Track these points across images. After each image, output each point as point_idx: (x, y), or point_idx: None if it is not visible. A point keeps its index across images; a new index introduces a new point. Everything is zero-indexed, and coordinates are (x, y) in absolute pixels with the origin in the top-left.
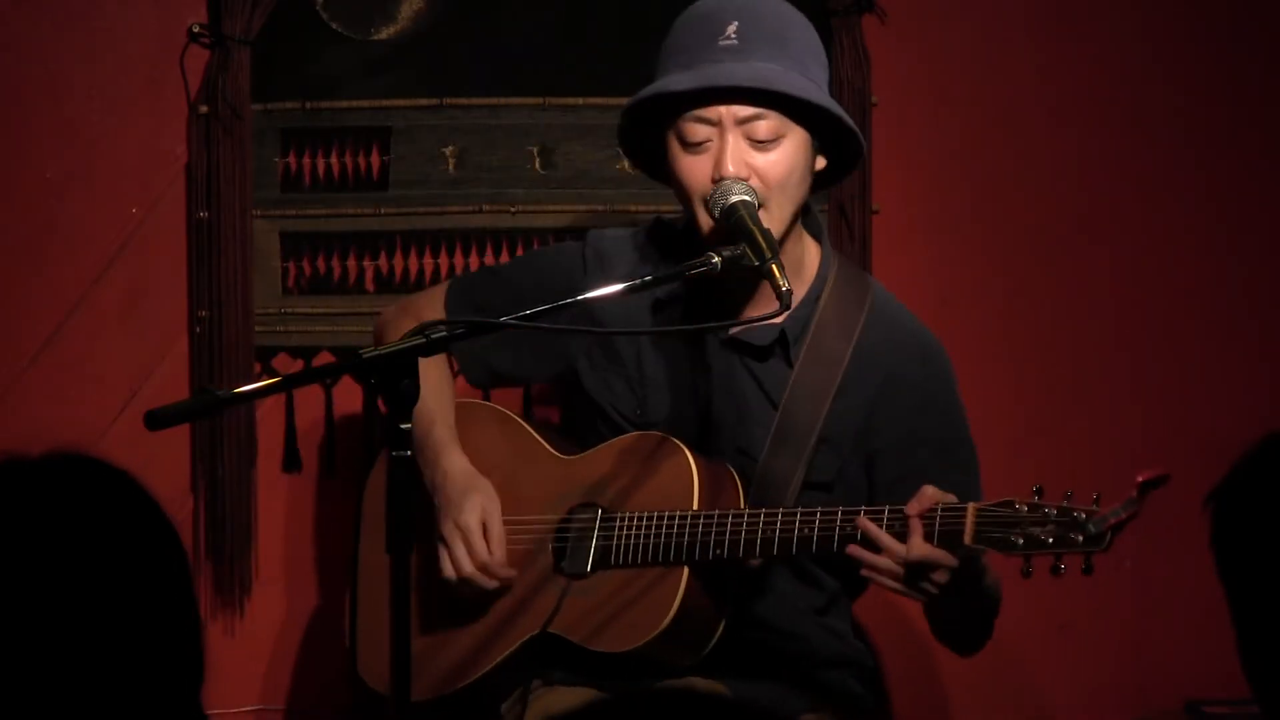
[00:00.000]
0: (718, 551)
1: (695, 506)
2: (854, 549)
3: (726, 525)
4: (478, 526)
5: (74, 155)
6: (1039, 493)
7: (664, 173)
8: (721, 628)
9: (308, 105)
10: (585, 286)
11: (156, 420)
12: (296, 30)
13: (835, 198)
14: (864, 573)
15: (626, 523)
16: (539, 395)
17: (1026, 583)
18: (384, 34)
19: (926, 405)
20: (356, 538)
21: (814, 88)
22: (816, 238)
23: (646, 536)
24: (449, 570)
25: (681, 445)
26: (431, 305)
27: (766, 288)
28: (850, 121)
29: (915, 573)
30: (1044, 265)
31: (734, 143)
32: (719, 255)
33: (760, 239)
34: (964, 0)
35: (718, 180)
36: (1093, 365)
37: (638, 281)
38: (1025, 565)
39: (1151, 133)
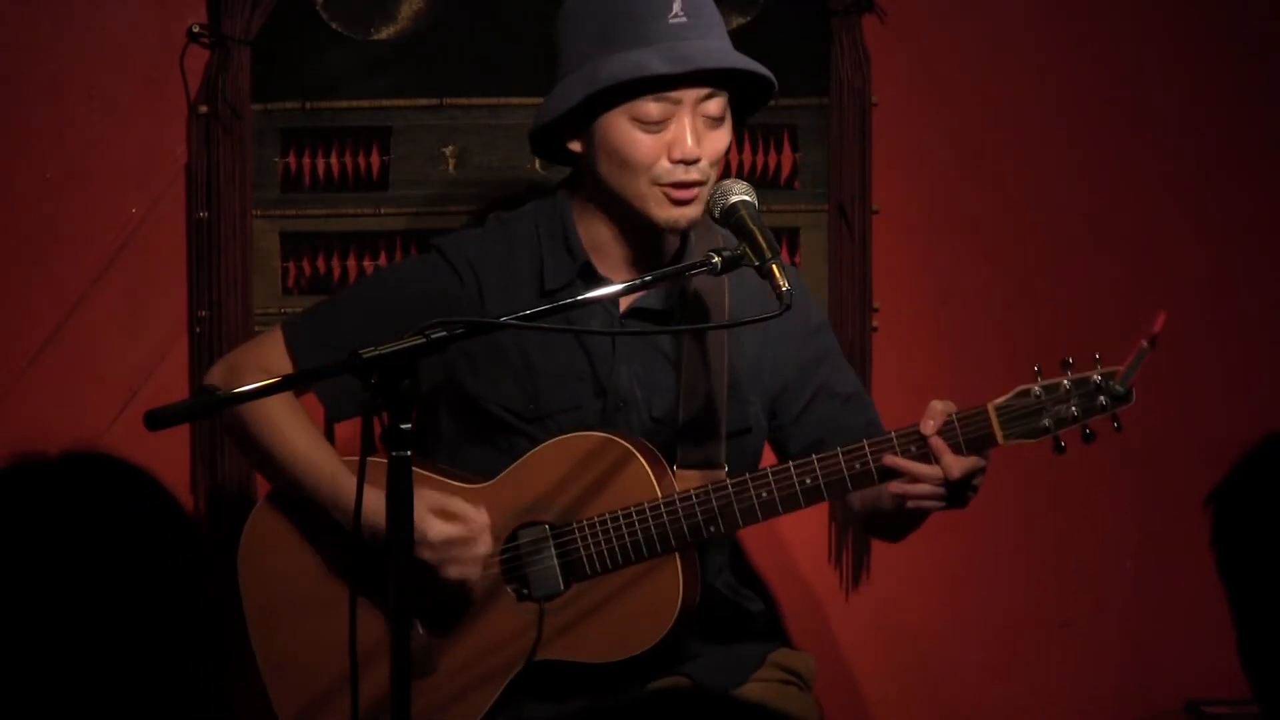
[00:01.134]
0: (713, 529)
1: (657, 491)
2: (897, 485)
3: (711, 499)
4: (447, 526)
5: (74, 155)
6: (1041, 373)
7: (563, 153)
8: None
9: (308, 105)
10: (465, 295)
11: (156, 420)
12: (297, 30)
13: (835, 198)
14: (909, 504)
15: (588, 530)
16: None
17: (1026, 582)
18: (384, 34)
19: (815, 326)
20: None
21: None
22: None
23: (620, 536)
24: (471, 574)
25: (609, 436)
26: (269, 354)
27: (661, 248)
28: (774, 84)
29: (958, 487)
30: (1044, 265)
31: (692, 122)
32: (719, 255)
33: (761, 239)
34: (964, 0)
35: (679, 160)
36: (1093, 365)
37: (636, 281)
38: (1056, 444)
39: (1152, 132)
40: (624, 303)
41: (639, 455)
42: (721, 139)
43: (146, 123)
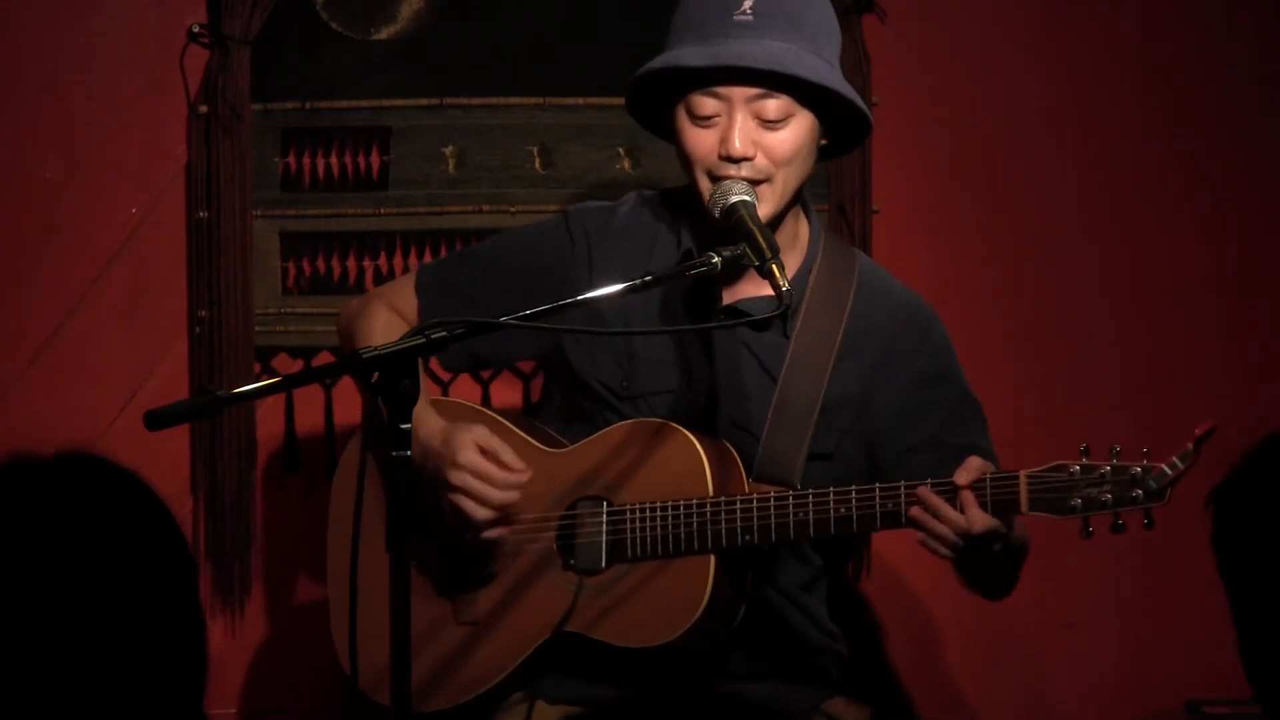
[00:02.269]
0: (747, 538)
1: (710, 492)
2: (917, 513)
3: (753, 509)
4: (477, 456)
5: (74, 155)
6: (1086, 452)
7: (671, 135)
8: (743, 612)
9: (307, 105)
10: (575, 263)
11: (156, 420)
12: (296, 30)
13: (835, 198)
14: (921, 541)
15: (639, 514)
16: (498, 388)
17: (1029, 583)
18: (384, 34)
19: (932, 376)
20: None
21: (826, 68)
22: (806, 212)
23: (664, 527)
24: (477, 513)
25: (681, 429)
26: (401, 293)
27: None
28: (861, 104)
29: (974, 543)
30: (1043, 265)
31: (742, 120)
32: (719, 255)
33: (760, 239)
34: (964, 1)
35: (725, 157)
36: (1092, 365)
37: (637, 281)
38: (1084, 527)
39: (1151, 133)
40: (727, 299)
41: (703, 453)
42: (784, 141)
43: (146, 123)
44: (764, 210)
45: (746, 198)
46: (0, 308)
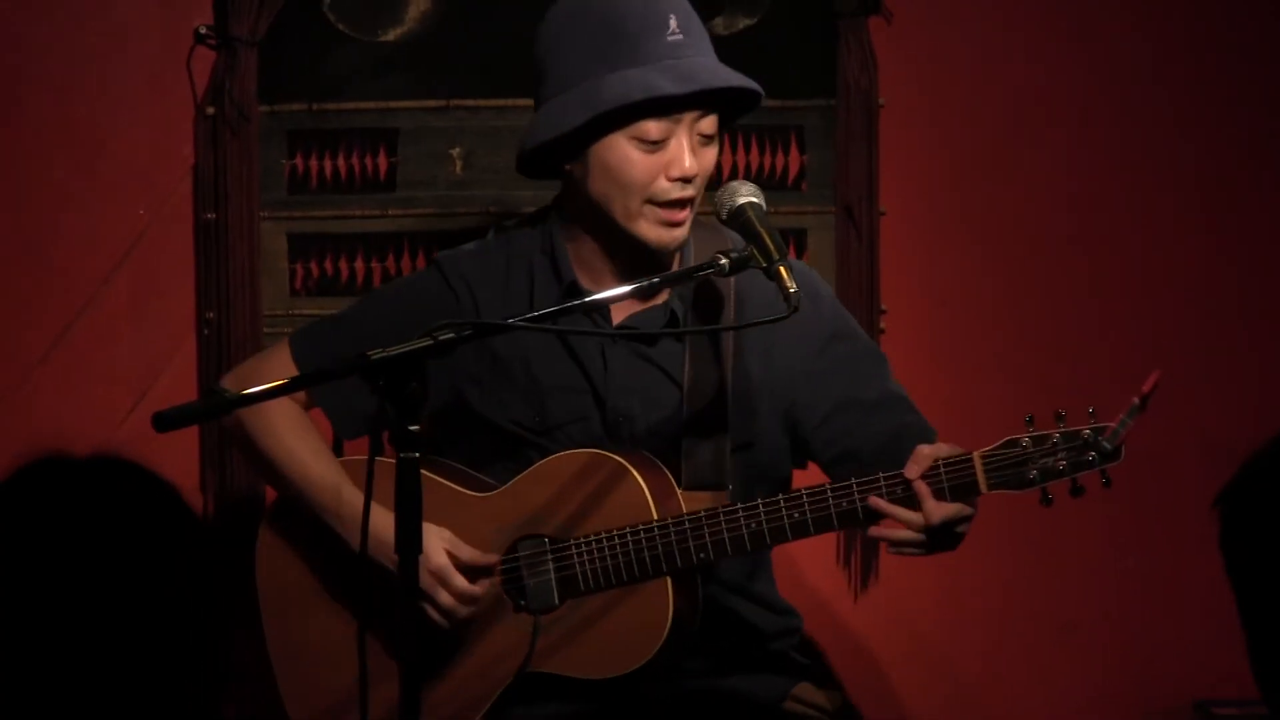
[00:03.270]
0: (701, 555)
1: (653, 513)
2: (877, 530)
3: (702, 526)
4: (448, 562)
5: (81, 157)
6: (1031, 422)
7: (549, 171)
8: (699, 620)
9: (314, 107)
10: (462, 313)
11: (165, 422)
12: (303, 32)
13: (842, 199)
14: (889, 550)
15: (584, 547)
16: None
17: (1033, 583)
18: (391, 35)
19: (829, 336)
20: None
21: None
22: None
23: (614, 556)
24: (441, 620)
25: (610, 454)
26: (279, 369)
27: (654, 264)
28: (760, 97)
29: (939, 534)
30: (1050, 265)
31: (689, 140)
32: (727, 257)
33: (768, 241)
34: (970, 2)
35: (679, 178)
36: (1098, 366)
37: (643, 283)
38: (1044, 495)
39: (1159, 135)
40: (616, 317)
41: (637, 475)
42: (712, 156)
43: (153, 124)
44: (685, 232)
45: (754, 199)
46: (9, 308)
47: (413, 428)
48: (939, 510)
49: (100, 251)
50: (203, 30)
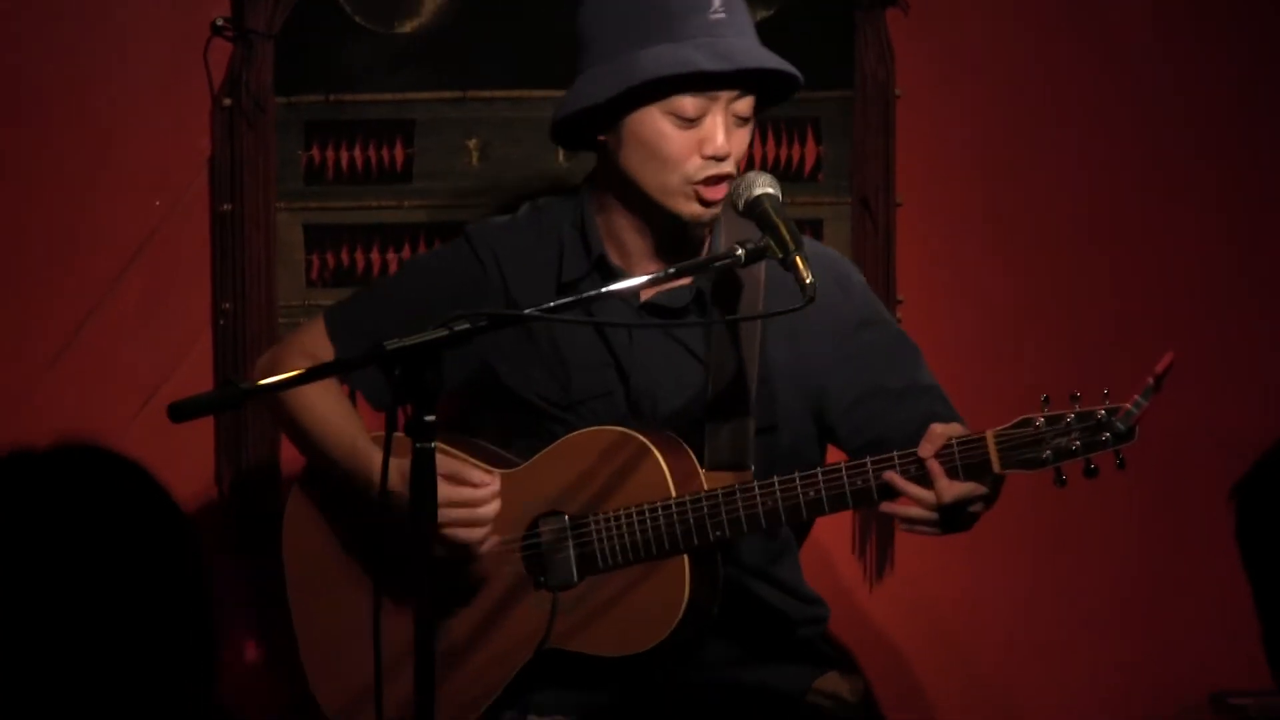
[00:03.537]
0: (718, 534)
1: (672, 491)
2: (889, 506)
3: (719, 503)
4: (450, 488)
5: (97, 149)
6: (1047, 403)
7: (585, 142)
8: (719, 601)
9: (331, 98)
10: (489, 286)
11: (180, 412)
12: (320, 23)
13: (859, 191)
14: (901, 526)
15: (604, 524)
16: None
17: (1050, 575)
18: (407, 27)
19: (859, 323)
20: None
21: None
22: None
23: (632, 533)
24: (473, 536)
25: (631, 431)
26: (314, 341)
27: (685, 242)
28: (800, 84)
29: (951, 513)
30: (1067, 258)
31: (724, 119)
32: (743, 248)
33: (785, 232)
34: None
35: (712, 156)
36: (1114, 358)
37: (660, 273)
38: (1058, 476)
39: (1176, 126)
40: (644, 296)
41: (658, 452)
42: (746, 138)
43: (170, 116)
44: (719, 208)
45: (770, 190)
46: (26, 302)
47: (429, 418)
48: (951, 489)
49: (117, 243)
50: (219, 22)
